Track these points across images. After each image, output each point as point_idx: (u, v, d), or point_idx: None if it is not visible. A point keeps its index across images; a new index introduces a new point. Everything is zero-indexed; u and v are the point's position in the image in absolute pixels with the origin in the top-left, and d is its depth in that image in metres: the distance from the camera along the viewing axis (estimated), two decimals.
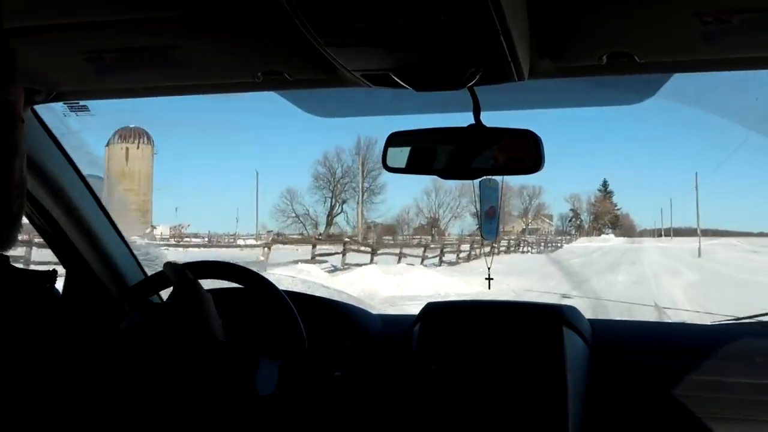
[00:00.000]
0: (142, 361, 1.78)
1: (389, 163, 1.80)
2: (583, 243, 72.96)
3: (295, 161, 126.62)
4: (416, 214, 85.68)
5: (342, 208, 77.40)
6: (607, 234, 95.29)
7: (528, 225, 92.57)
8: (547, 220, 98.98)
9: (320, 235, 67.46)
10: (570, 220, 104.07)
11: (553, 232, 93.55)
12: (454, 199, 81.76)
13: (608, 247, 58.27)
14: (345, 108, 2.06)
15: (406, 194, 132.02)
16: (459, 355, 2.05)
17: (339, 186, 77.07)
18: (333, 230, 73.62)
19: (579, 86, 1.78)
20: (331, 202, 76.55)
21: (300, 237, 64.26)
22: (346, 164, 77.23)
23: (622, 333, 2.29)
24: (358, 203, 75.27)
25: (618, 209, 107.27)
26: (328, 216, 75.89)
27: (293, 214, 75.13)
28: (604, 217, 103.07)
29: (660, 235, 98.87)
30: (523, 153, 1.68)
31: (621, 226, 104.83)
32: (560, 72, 1.57)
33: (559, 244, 61.89)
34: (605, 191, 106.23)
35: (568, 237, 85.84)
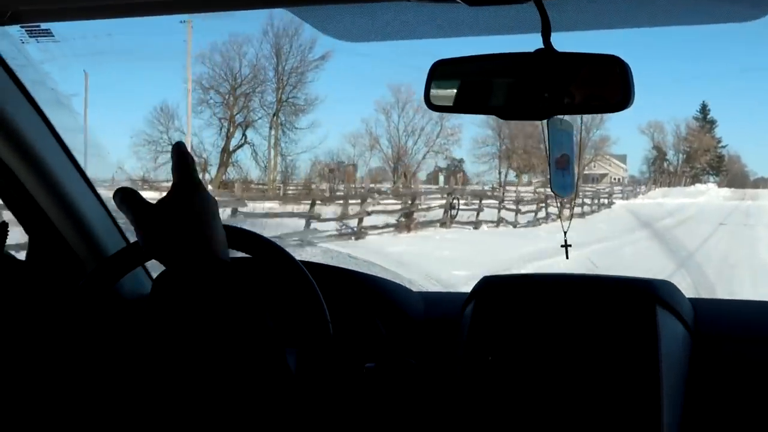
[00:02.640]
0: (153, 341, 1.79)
1: (433, 99, 1.77)
2: (654, 199, 58.75)
3: (172, 58, 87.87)
4: (369, 147, 65.50)
5: (245, 137, 55.56)
6: (706, 183, 79.93)
7: (583, 169, 71.66)
8: (617, 162, 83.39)
9: (210, 182, 50.15)
10: (653, 162, 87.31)
11: (626, 180, 79.82)
12: (432, 122, 62.66)
13: (694, 209, 43.17)
14: (378, 30, 2.02)
15: (351, 112, 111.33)
16: (522, 342, 2.03)
17: (241, 99, 54.58)
18: (233, 174, 54.63)
19: None
20: (228, 128, 54.28)
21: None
22: (250, 61, 54.54)
23: (733, 316, 2.24)
24: (271, 128, 55.40)
25: (723, 146, 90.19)
26: (222, 151, 54.24)
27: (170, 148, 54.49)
28: (701, 158, 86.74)
29: None
30: (607, 85, 1.65)
31: (727, 171, 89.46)
32: None
33: (604, 201, 45.83)
34: (704, 120, 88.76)
35: (631, 189, 68.06)
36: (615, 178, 78.47)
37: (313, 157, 66.22)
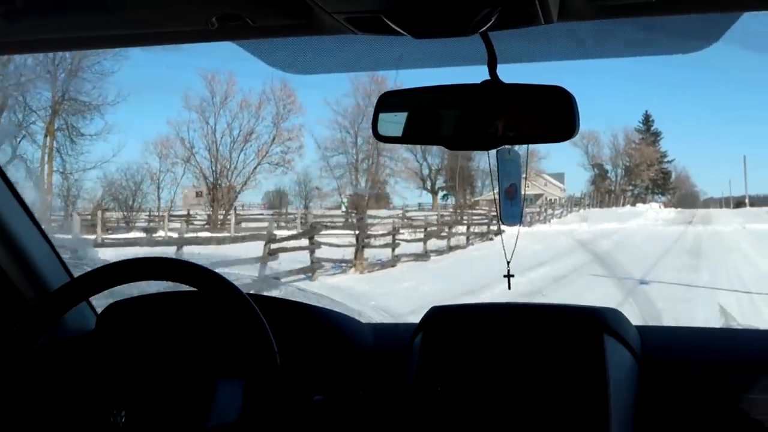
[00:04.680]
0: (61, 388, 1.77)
1: (381, 130, 1.78)
2: (568, 224, 43.65)
3: None
4: (184, 160, 48.12)
5: (14, 150, 39.53)
6: (650, 203, 67.79)
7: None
8: (553, 181, 71.06)
9: None
10: (593, 181, 73.57)
11: (563, 200, 65.78)
12: (264, 122, 49.29)
13: (611, 242, 29.69)
14: (325, 62, 2.03)
15: (158, 109, 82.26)
16: (472, 371, 2.04)
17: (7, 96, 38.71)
18: None
19: (622, 30, 1.76)
20: None
21: None
22: None
23: (679, 343, 2.27)
24: (45, 136, 40.81)
25: (668, 161, 76.90)
26: None
27: None
28: (644, 173, 74.56)
29: (741, 205, 68.76)
30: (552, 116, 1.67)
31: (674, 189, 77.82)
32: (598, 12, 1.54)
33: (484, 229, 35.15)
34: (647, 131, 76.33)
35: (537, 211, 50.84)
36: (550, 199, 67.05)
37: (102, 175, 48.26)
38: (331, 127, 54.14)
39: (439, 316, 2.18)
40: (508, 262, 2.32)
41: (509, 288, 2.34)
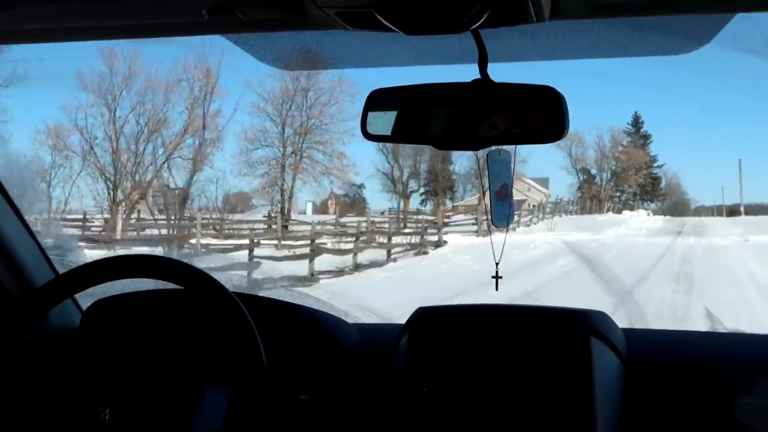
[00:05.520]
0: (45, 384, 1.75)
1: (370, 129, 1.77)
2: (530, 234, 32.97)
3: None
4: (83, 154, 40.31)
5: None
6: (637, 210, 63.74)
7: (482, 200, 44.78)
8: (537, 186, 63.54)
9: None
10: (579, 187, 67.32)
11: (547, 206, 56.95)
12: (177, 109, 41.19)
13: (553, 269, 20.56)
14: (314, 58, 2.02)
15: (52, 93, 69.62)
16: (458, 372, 2.03)
17: None
18: None
19: (614, 30, 1.76)
20: None
21: None
22: None
23: (665, 346, 2.27)
24: None
25: (658, 166, 72.32)
26: None
27: None
28: (631, 178, 69.25)
29: (735, 213, 62.43)
30: (542, 116, 1.66)
31: (665, 196, 73.30)
32: (590, 12, 1.54)
33: (431, 238, 30.42)
34: (636, 132, 71.78)
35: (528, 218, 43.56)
36: (533, 205, 58.20)
37: None
38: (257, 114, 45.33)
39: (425, 316, 2.17)
40: (497, 264, 2.31)
41: (497, 289, 2.33)
